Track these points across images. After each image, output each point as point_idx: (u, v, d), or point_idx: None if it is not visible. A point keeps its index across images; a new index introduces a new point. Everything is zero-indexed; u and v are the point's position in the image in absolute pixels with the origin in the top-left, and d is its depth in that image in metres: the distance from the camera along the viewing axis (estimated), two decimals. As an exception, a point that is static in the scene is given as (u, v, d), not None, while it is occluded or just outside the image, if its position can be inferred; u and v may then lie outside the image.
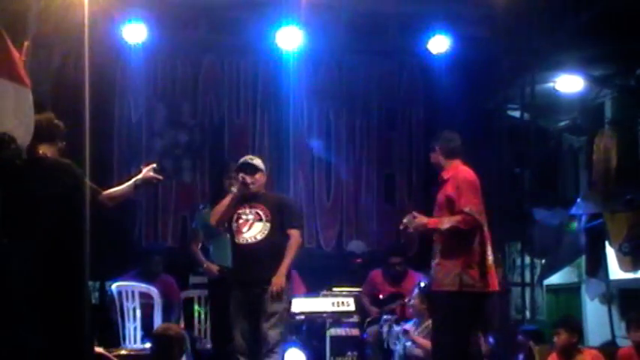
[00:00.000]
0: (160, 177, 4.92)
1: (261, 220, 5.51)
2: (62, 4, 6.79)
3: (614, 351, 6.57)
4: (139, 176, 4.83)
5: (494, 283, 5.22)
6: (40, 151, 4.02)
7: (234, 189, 5.57)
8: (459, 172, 5.27)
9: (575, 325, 6.18)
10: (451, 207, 5.15)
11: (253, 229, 5.50)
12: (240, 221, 5.54)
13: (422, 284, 6.52)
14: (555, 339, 6.03)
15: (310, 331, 7.10)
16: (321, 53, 8.74)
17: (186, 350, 6.02)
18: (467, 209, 5.04)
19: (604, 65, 8.11)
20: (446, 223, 5.10)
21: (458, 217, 5.06)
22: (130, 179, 4.90)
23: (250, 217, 5.53)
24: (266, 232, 5.48)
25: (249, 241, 5.49)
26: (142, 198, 8.46)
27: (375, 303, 7.48)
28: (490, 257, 5.18)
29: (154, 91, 8.76)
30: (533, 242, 8.50)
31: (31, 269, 3.75)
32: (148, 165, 4.88)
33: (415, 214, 5.22)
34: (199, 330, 7.48)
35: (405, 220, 5.23)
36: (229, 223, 5.59)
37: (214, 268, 6.52)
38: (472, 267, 5.06)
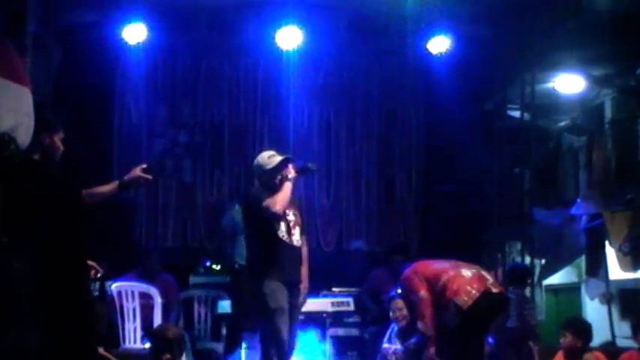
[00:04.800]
0: (149, 176, 4.81)
1: (298, 224, 5.25)
2: (62, 5, 6.81)
3: (614, 351, 6.56)
4: (127, 176, 4.80)
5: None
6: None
7: (291, 176, 5.14)
8: None
9: (581, 329, 6.03)
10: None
11: (297, 233, 5.22)
12: (291, 222, 5.19)
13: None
14: (561, 340, 6.01)
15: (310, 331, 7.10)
16: (321, 53, 8.74)
17: (186, 350, 6.02)
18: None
19: (604, 65, 8.10)
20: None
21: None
22: None
23: (293, 218, 5.23)
24: (302, 238, 5.27)
25: (296, 244, 5.19)
26: (142, 198, 8.48)
27: (376, 302, 7.48)
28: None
29: (154, 91, 8.75)
30: (533, 242, 8.50)
31: (32, 269, 3.75)
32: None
33: None
34: (199, 330, 7.50)
35: None
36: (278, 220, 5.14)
37: None
38: None
